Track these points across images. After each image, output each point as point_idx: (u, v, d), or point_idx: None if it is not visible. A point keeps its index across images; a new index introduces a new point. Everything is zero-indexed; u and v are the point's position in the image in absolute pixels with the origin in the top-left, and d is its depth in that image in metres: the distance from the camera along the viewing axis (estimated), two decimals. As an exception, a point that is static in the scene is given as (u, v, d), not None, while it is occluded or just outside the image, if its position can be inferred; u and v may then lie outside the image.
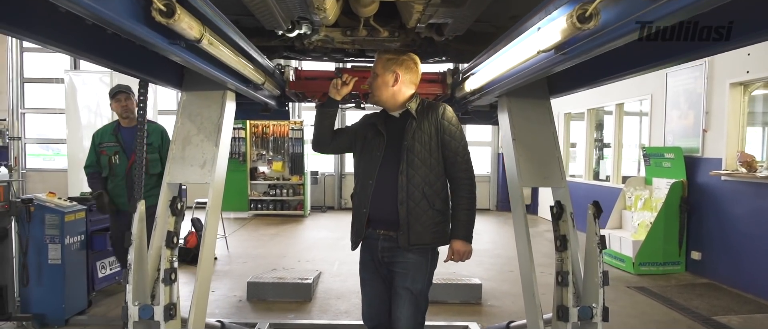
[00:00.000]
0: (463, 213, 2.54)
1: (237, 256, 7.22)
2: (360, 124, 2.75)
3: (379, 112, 2.74)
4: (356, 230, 2.64)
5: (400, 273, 2.53)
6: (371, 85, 2.65)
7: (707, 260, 6.23)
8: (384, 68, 2.60)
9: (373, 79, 2.63)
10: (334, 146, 2.83)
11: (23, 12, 1.67)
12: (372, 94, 2.66)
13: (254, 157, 11.24)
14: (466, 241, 2.55)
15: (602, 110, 9.30)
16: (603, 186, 8.90)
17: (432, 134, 2.52)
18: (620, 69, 2.25)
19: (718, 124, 6.14)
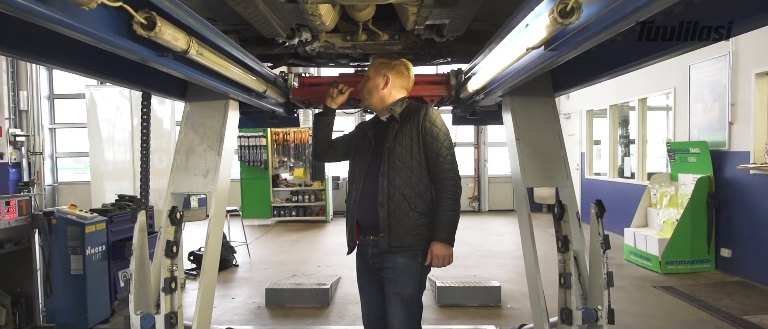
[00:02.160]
0: (444, 215, 2.46)
1: (258, 263, 7.29)
2: (355, 131, 2.77)
3: (372, 118, 2.75)
4: (349, 237, 2.65)
5: (390, 278, 2.51)
6: (362, 88, 2.67)
7: (738, 257, 6.00)
8: (375, 72, 2.62)
9: (365, 82, 2.66)
10: (331, 154, 2.83)
11: (19, 33, 1.72)
12: (363, 98, 2.69)
13: (276, 164, 11.35)
14: (447, 244, 2.46)
15: (626, 106, 9.08)
16: (627, 183, 8.68)
17: (413, 136, 2.49)
18: (625, 61, 2.18)
19: (744, 116, 5.92)
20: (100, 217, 4.68)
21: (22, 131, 11.32)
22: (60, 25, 1.33)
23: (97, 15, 1.44)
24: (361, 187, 2.53)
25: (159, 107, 5.83)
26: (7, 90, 11.06)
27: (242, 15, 2.40)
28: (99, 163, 5.84)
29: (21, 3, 1.17)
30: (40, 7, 1.23)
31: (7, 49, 1.82)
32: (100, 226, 4.63)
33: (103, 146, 5.78)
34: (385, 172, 2.47)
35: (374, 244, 2.53)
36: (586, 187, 10.22)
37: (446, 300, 5.06)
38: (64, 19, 1.32)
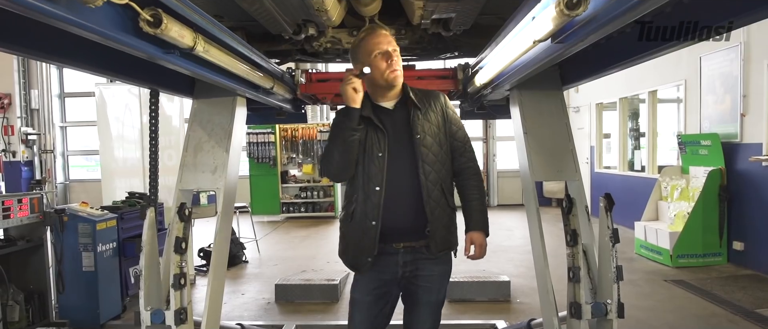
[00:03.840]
0: (478, 203, 2.30)
1: (268, 259, 7.33)
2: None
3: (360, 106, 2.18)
4: (363, 248, 2.19)
5: (426, 287, 2.25)
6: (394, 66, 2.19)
7: (750, 250, 5.94)
8: (394, 43, 2.23)
9: (394, 57, 2.19)
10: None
11: (26, 31, 1.73)
12: (396, 79, 2.20)
13: (284, 160, 11.38)
14: (485, 233, 2.29)
15: (636, 98, 9.00)
16: (638, 176, 8.61)
17: (440, 125, 2.26)
18: (633, 53, 2.15)
19: (757, 108, 5.84)
20: (111, 214, 4.72)
21: (34, 129, 11.44)
22: (66, 22, 1.34)
23: (103, 12, 1.45)
24: (386, 189, 2.15)
25: (168, 104, 5.87)
26: (19, 89, 11.17)
27: (248, 11, 2.40)
28: (109, 160, 5.89)
29: (28, 1, 1.18)
30: (46, 5, 1.23)
31: (19, 47, 1.83)
32: (110, 223, 4.66)
33: (113, 144, 5.83)
34: (421, 167, 2.17)
35: (407, 251, 2.22)
36: (595, 181, 10.15)
37: (456, 295, 5.05)
38: (70, 17, 1.33)
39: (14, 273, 4.17)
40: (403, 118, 2.23)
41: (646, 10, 1.36)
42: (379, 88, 2.24)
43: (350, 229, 2.24)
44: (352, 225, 2.22)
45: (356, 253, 2.23)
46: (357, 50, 2.24)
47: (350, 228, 2.24)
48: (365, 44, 2.20)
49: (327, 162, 2.21)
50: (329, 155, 2.19)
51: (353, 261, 2.26)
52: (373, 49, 2.18)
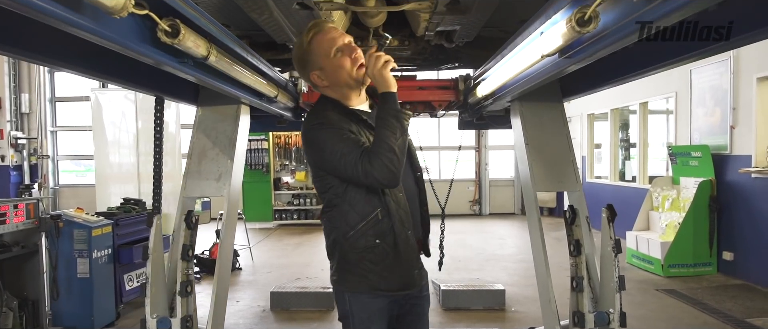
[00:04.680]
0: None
1: (261, 266, 7.31)
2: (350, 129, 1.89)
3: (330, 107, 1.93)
4: (411, 261, 1.95)
5: (426, 296, 2.10)
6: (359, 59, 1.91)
7: (740, 260, 6.04)
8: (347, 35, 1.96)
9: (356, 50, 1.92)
10: None
11: (36, 38, 1.74)
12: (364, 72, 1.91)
13: (277, 167, 11.37)
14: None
15: (627, 110, 9.13)
16: (629, 187, 8.72)
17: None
18: (634, 68, 2.21)
19: (746, 120, 5.96)
20: (107, 220, 4.70)
21: (24, 134, 11.33)
22: (90, 32, 1.35)
23: (124, 23, 1.47)
24: (404, 192, 1.95)
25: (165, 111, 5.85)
26: (9, 92, 11.06)
27: (257, 21, 2.43)
28: (104, 166, 5.85)
29: (57, 12, 1.20)
30: (73, 16, 1.25)
31: (28, 53, 1.84)
32: (106, 230, 4.64)
33: (108, 149, 5.80)
34: (418, 168, 2.05)
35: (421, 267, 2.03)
36: (587, 191, 10.15)
37: (451, 304, 5.08)
38: (94, 28, 1.35)
39: (8, 279, 4.13)
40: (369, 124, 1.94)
41: (657, 29, 1.40)
42: (349, 89, 1.92)
43: (384, 250, 1.88)
44: (387, 244, 1.88)
45: (405, 271, 1.93)
46: (308, 54, 1.90)
47: (383, 248, 1.87)
48: (318, 45, 1.89)
49: (390, 160, 1.75)
50: (391, 152, 1.75)
51: (404, 280, 1.94)
52: (330, 46, 1.88)
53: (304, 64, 1.95)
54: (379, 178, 1.76)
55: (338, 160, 1.81)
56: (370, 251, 1.88)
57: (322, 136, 1.85)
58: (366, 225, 1.88)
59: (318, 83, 1.95)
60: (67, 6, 1.22)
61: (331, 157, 1.83)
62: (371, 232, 1.88)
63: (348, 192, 1.88)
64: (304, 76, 2.01)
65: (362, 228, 1.88)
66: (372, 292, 1.90)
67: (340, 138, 1.83)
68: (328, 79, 1.91)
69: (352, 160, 1.78)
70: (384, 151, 1.76)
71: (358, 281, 1.91)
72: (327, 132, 1.85)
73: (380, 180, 1.77)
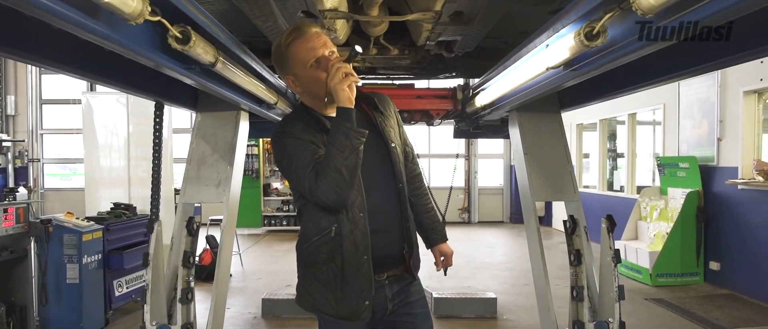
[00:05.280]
0: (435, 213, 2.16)
1: (251, 273, 7.25)
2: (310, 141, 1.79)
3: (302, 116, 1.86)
4: (360, 291, 1.77)
5: (421, 313, 1.97)
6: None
7: (726, 270, 6.13)
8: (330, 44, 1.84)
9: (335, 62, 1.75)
10: None
11: (36, 39, 1.73)
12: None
13: (267, 173, 11.32)
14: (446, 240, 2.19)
15: (615, 120, 9.25)
16: (617, 196, 8.82)
17: (397, 130, 1.98)
18: (632, 82, 2.25)
19: (733, 133, 6.08)
20: (97, 225, 4.64)
21: (8, 136, 11.15)
22: (103, 38, 1.35)
23: (136, 28, 1.46)
24: (370, 213, 1.79)
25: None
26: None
27: (260, 28, 2.43)
28: (94, 169, 5.78)
29: (74, 18, 1.19)
30: (89, 21, 1.25)
31: (31, 56, 1.82)
32: (96, 235, 4.58)
33: (98, 153, 5.73)
34: (397, 182, 1.89)
35: (395, 280, 1.91)
36: (575, 200, 10.33)
37: (443, 312, 5.09)
38: (108, 33, 1.35)
39: (-4, 284, 4.06)
40: (365, 127, 1.78)
41: (662, 46, 1.43)
42: (321, 99, 1.83)
43: (332, 271, 1.77)
44: (335, 265, 1.76)
45: (349, 300, 1.77)
46: (285, 58, 1.80)
47: (332, 269, 1.77)
48: (295, 51, 1.77)
49: (336, 180, 1.66)
50: (337, 172, 1.65)
51: (346, 309, 1.78)
52: (308, 56, 1.76)
53: (280, 66, 1.88)
54: (323, 198, 1.69)
55: (291, 172, 1.78)
56: (317, 268, 1.80)
57: (281, 147, 1.80)
58: (320, 240, 1.78)
59: (292, 88, 1.91)
60: (83, 11, 1.22)
61: (286, 168, 1.80)
62: (324, 249, 1.78)
63: (308, 203, 1.82)
64: (280, 76, 1.95)
65: (316, 242, 1.79)
66: (318, 313, 1.84)
67: (297, 149, 1.75)
68: (303, 87, 1.85)
69: (302, 175, 1.72)
70: (330, 171, 1.67)
71: (303, 297, 1.88)
72: (287, 141, 1.78)
73: (324, 201, 1.70)
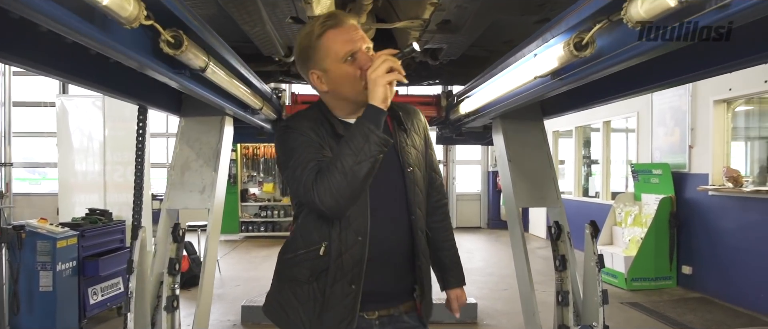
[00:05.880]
0: (456, 252, 1.89)
1: (229, 280, 7.16)
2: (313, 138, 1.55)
3: (314, 115, 1.62)
4: (333, 320, 1.55)
5: None
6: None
7: (698, 274, 6.30)
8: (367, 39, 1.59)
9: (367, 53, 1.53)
10: None
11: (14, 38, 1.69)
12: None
13: (245, 178, 11.21)
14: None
15: (589, 128, 9.45)
16: (593, 202, 8.99)
17: (422, 151, 1.72)
18: (612, 92, 2.32)
19: (703, 141, 6.26)
20: (72, 232, 4.53)
21: (-25, 140, 10.79)
22: (96, 41, 1.34)
23: (128, 32, 1.45)
24: (371, 238, 1.55)
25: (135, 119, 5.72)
26: (-39, 97, 10.54)
27: (248, 33, 2.42)
28: (68, 174, 5.64)
29: (70, 21, 1.18)
30: (83, 25, 1.24)
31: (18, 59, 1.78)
32: (71, 241, 4.47)
33: (73, 157, 5.60)
34: (411, 210, 1.64)
35: (387, 322, 1.64)
36: (551, 206, 10.50)
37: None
38: (101, 37, 1.33)
39: (-35, 293, 3.93)
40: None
41: (649, 57, 1.48)
42: (349, 103, 1.59)
43: (312, 292, 1.56)
44: (317, 286, 1.55)
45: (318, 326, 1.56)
46: (313, 50, 1.53)
47: (312, 290, 1.56)
48: (329, 42, 1.51)
49: (339, 185, 1.40)
50: (343, 176, 1.40)
51: None
52: (343, 49, 1.50)
53: (305, 58, 1.57)
54: (317, 201, 1.43)
55: (288, 170, 1.52)
56: (297, 285, 1.58)
57: (283, 142, 1.57)
58: (306, 254, 1.57)
59: (316, 85, 1.60)
60: (79, 15, 1.20)
61: (284, 165, 1.57)
62: (307, 265, 1.57)
63: (302, 211, 1.60)
64: (301, 70, 1.64)
65: (301, 256, 1.58)
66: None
67: (300, 145, 1.51)
68: (329, 86, 1.56)
69: (299, 171, 1.47)
70: (335, 171, 1.41)
71: (274, 310, 1.66)
72: (290, 135, 1.55)
73: (318, 204, 1.43)
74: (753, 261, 5.48)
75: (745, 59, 1.54)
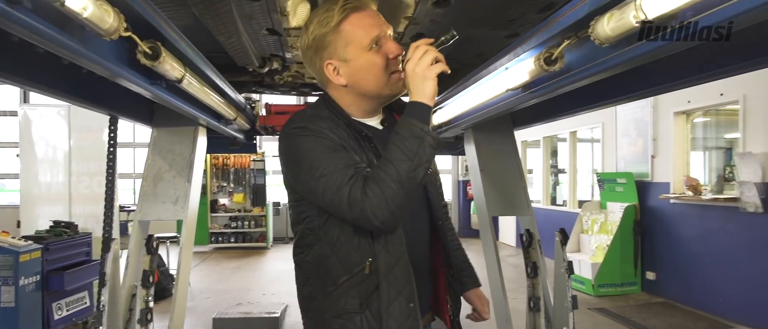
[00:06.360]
0: (464, 253, 1.82)
1: (199, 292, 7.04)
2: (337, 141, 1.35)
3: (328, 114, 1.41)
4: None
5: None
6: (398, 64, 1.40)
7: (661, 280, 6.51)
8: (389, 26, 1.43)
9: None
10: None
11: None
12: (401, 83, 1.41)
13: (215, 189, 11.06)
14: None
15: (556, 138, 9.69)
16: (560, 210, 9.19)
17: None
18: (580, 104, 2.40)
19: (665, 150, 6.50)
20: (36, 245, 4.40)
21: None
22: (74, 53, 1.33)
23: (106, 43, 1.44)
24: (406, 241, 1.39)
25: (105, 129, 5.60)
26: None
27: (223, 44, 2.42)
28: (31, 186, 5.47)
29: (46, 32, 1.17)
30: (63, 37, 1.23)
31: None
32: (35, 255, 4.34)
33: (37, 168, 5.44)
34: (437, 214, 1.54)
35: None
36: (520, 214, 10.69)
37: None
38: (79, 48, 1.32)
39: None
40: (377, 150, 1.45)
41: (615, 72, 1.55)
42: (370, 101, 1.44)
43: (365, 321, 1.34)
44: (370, 312, 1.34)
45: None
46: (330, 36, 1.35)
47: (365, 319, 1.34)
48: (352, 26, 1.34)
49: (395, 195, 1.24)
50: (399, 185, 1.23)
51: None
52: (368, 35, 1.34)
53: (321, 47, 1.36)
54: (371, 215, 1.24)
55: (316, 180, 1.28)
56: (348, 319, 1.34)
57: (301, 146, 1.32)
58: (350, 280, 1.34)
59: (331, 78, 1.39)
60: (57, 25, 1.20)
61: (307, 174, 1.30)
62: (355, 292, 1.34)
63: (328, 228, 1.36)
64: (310, 62, 1.43)
65: (345, 284, 1.35)
66: None
67: (326, 150, 1.30)
68: (349, 78, 1.38)
69: (336, 182, 1.26)
70: (389, 180, 1.23)
71: None
72: (309, 140, 1.32)
73: (372, 219, 1.24)
74: (712, 266, 5.70)
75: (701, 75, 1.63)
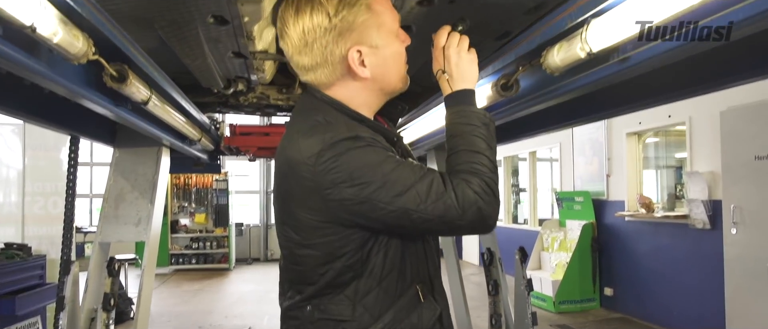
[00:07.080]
0: None
1: (159, 315, 6.84)
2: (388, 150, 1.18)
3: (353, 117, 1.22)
4: None
5: None
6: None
7: (619, 295, 6.72)
8: None
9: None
10: None
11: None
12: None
13: (175, 209, 10.83)
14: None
15: (517, 157, 9.94)
16: (521, 229, 9.40)
17: None
18: (537, 127, 2.53)
19: (619, 169, 6.77)
20: (-15, 269, 4.22)
21: None
22: (43, 77, 1.34)
23: (72, 66, 1.45)
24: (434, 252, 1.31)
25: (62, 148, 5.44)
26: None
27: (189, 66, 2.43)
28: (-20, 207, 5.26)
29: (12, 55, 1.18)
30: (30, 61, 1.24)
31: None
32: (-16, 279, 4.17)
33: (-12, 189, 5.23)
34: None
35: None
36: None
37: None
38: (47, 72, 1.33)
39: None
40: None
41: (569, 97, 1.66)
42: (380, 97, 1.33)
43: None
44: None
45: None
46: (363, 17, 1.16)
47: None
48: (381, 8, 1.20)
49: (495, 185, 1.18)
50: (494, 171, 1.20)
51: None
52: (395, 20, 1.25)
53: (344, 30, 1.14)
54: (487, 215, 1.12)
55: (401, 196, 1.07)
56: None
57: (362, 159, 1.09)
58: (400, 313, 1.14)
59: (353, 67, 1.18)
60: (24, 50, 1.21)
61: (383, 192, 1.07)
62: (407, 324, 1.14)
63: (371, 258, 1.14)
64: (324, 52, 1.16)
65: (392, 319, 1.14)
66: None
67: (389, 159, 1.11)
68: (375, 69, 1.21)
69: (434, 189, 1.09)
70: (486, 171, 1.16)
71: None
72: (367, 151, 1.10)
73: (487, 218, 1.12)
74: (665, 281, 5.93)
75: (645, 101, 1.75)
